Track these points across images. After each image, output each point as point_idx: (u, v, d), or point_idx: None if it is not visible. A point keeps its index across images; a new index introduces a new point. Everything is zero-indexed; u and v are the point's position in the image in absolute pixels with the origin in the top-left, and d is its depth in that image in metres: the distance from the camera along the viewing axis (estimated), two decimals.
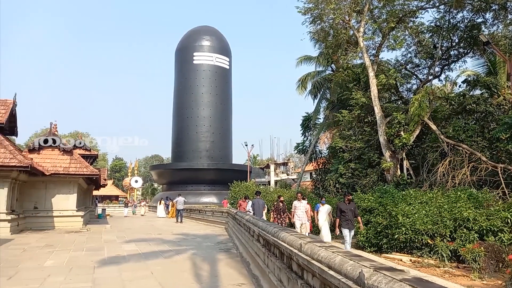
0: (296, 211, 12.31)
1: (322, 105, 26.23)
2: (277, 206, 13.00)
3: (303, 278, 3.83)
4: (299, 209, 12.27)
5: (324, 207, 12.12)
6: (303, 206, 12.35)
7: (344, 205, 10.00)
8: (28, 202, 17.89)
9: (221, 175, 44.16)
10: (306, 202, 13.02)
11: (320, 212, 12.07)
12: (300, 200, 12.52)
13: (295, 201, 12.69)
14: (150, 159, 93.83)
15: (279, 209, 12.87)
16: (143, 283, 6.84)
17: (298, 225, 12.13)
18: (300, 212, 12.22)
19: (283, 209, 12.87)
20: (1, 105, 17.71)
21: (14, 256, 9.78)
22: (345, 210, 9.86)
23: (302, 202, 12.50)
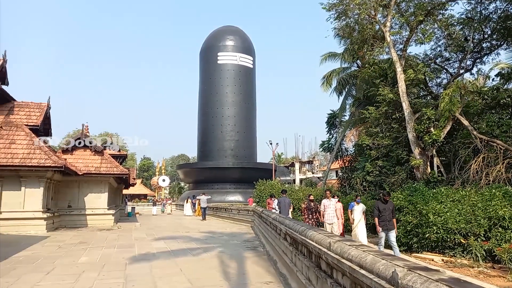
0: (325, 210, 11.79)
1: (348, 102, 25.83)
2: (308, 205, 12.41)
3: (333, 277, 3.80)
4: (329, 207, 11.73)
5: (359, 206, 11.41)
6: (333, 204, 11.78)
7: (382, 204, 9.41)
8: (63, 201, 18.65)
9: (246, 174, 44.39)
10: (337, 200, 12.39)
11: (354, 211, 11.40)
12: (329, 198, 11.93)
13: (324, 200, 12.08)
14: (176, 158, 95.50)
15: (310, 209, 12.30)
16: (173, 280, 6.98)
17: (327, 225, 11.62)
18: (330, 211, 11.68)
19: (314, 209, 12.30)
20: (36, 108, 18.55)
21: (51, 253, 10.22)
22: (383, 210, 9.30)
23: (332, 201, 11.92)
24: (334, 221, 11.59)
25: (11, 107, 18.27)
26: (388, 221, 9.28)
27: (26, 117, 18.04)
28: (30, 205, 15.34)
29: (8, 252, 10.07)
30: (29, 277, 7.18)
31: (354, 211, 11.36)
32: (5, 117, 17.41)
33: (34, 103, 19.05)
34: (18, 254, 9.85)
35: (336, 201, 12.15)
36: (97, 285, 6.57)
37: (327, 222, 11.63)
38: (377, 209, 9.41)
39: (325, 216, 11.70)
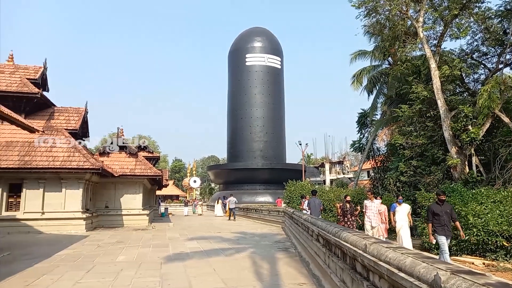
0: (366, 212, 10.92)
1: (379, 100, 25.25)
2: (343, 207, 11.47)
3: (369, 280, 3.74)
4: (370, 209, 10.85)
5: (402, 207, 10.56)
6: (375, 206, 10.88)
7: (437, 206, 8.25)
8: (100, 201, 19.41)
9: (275, 175, 44.36)
10: (380, 202, 11.46)
11: (397, 213, 10.51)
12: (371, 199, 11.01)
13: (366, 201, 11.22)
14: (207, 159, 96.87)
15: (346, 211, 11.34)
16: (207, 279, 7.10)
17: (368, 228, 10.77)
18: (371, 213, 10.81)
19: (350, 211, 11.34)
20: (74, 113, 19.44)
21: (90, 251, 10.67)
22: (439, 213, 8.13)
23: (375, 202, 10.99)
24: (376, 225, 10.71)
25: (51, 112, 19.26)
26: (446, 226, 8.08)
27: (65, 122, 18.96)
28: (70, 206, 16.09)
29: (51, 251, 10.61)
30: (71, 274, 7.53)
31: (397, 213, 10.53)
32: (46, 122, 18.37)
33: (72, 108, 20.00)
34: (60, 253, 10.35)
35: (379, 203, 11.26)
36: (135, 283, 6.79)
37: (367, 225, 10.83)
38: (431, 213, 8.25)
39: (366, 218, 10.90)
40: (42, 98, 18.40)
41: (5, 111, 9.97)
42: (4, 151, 15.70)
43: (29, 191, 15.87)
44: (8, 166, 15.14)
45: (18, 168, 15.28)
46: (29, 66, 19.64)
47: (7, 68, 19.07)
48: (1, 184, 15.57)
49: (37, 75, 19.06)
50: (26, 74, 18.96)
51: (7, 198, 15.83)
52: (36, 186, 15.95)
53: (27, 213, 15.68)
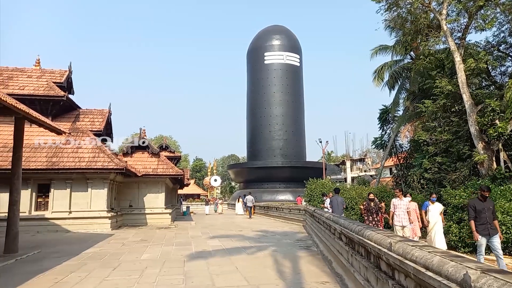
0: (395, 211, 10.24)
1: (401, 96, 24.74)
2: (368, 206, 10.85)
3: (394, 279, 3.68)
4: (399, 208, 10.18)
5: (435, 205, 9.97)
6: (404, 204, 10.23)
7: (479, 203, 7.59)
8: (124, 200, 19.86)
9: (295, 173, 44.20)
10: (410, 200, 10.84)
11: (429, 211, 9.92)
12: (400, 197, 10.35)
13: (394, 199, 10.54)
14: (227, 158, 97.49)
15: (370, 210, 10.74)
16: (229, 277, 7.16)
17: (398, 228, 10.10)
18: (401, 212, 10.14)
19: (375, 210, 10.72)
20: (99, 115, 19.96)
21: (116, 250, 10.94)
22: (482, 210, 7.47)
23: (404, 200, 10.35)
24: (406, 224, 10.10)
25: (77, 114, 19.84)
26: (489, 224, 7.50)
27: (90, 123, 19.49)
28: (96, 205, 16.54)
29: (78, 249, 10.95)
30: (98, 272, 7.75)
31: (429, 212, 9.95)
32: (72, 123, 18.93)
33: (97, 110, 20.54)
34: (87, 251, 10.66)
35: (409, 201, 10.68)
36: (159, 280, 6.91)
37: (397, 225, 10.17)
38: (473, 209, 7.60)
39: (395, 218, 10.21)
40: (68, 101, 18.97)
41: (34, 114, 10.33)
42: (33, 153, 16.28)
43: (56, 191, 16.40)
44: (37, 167, 15.70)
45: (46, 169, 15.83)
46: (55, 70, 20.29)
47: (34, 73, 19.76)
48: (30, 185, 16.16)
49: (63, 79, 19.67)
50: (52, 78, 19.59)
51: (36, 198, 16.42)
52: (64, 186, 16.47)
53: (55, 212, 16.23)
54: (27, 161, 15.22)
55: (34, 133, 16.00)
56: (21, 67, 20.22)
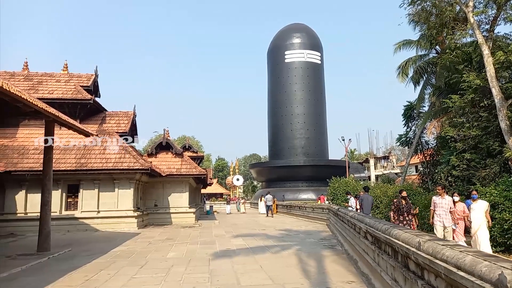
0: (436, 210, 9.37)
1: (427, 91, 24.10)
2: (398, 204, 9.98)
3: (424, 279, 3.60)
4: (441, 207, 9.27)
5: (477, 203, 9.06)
6: (446, 203, 9.27)
7: None
8: (149, 200, 20.29)
9: (318, 172, 43.86)
10: (452, 198, 9.79)
11: (472, 210, 9.06)
12: (442, 195, 9.36)
13: (434, 197, 9.63)
14: (248, 158, 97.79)
15: (401, 208, 9.85)
16: (254, 276, 7.19)
17: (439, 229, 9.22)
18: (442, 211, 9.23)
19: (407, 208, 9.90)
20: (124, 117, 20.46)
21: (142, 248, 11.19)
22: None
23: (445, 198, 9.37)
24: (448, 225, 9.23)
25: (103, 116, 20.41)
26: None
27: (116, 125, 20.02)
28: (123, 205, 16.98)
29: (107, 247, 11.27)
30: (126, 270, 7.95)
31: (472, 211, 9.09)
32: (99, 126, 19.49)
33: (122, 112, 21.07)
34: (115, 249, 10.96)
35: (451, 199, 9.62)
36: (185, 279, 7.03)
37: (437, 225, 9.30)
38: None
39: (435, 217, 9.38)
40: (95, 103, 19.55)
41: (63, 117, 10.70)
42: (62, 154, 16.86)
43: (85, 192, 16.94)
44: (66, 169, 16.26)
45: (75, 170, 16.37)
46: (82, 74, 20.95)
47: (62, 77, 20.47)
48: (61, 185, 16.74)
49: (89, 82, 20.29)
50: (79, 81, 20.24)
51: (66, 198, 17.01)
52: (92, 187, 16.98)
53: (84, 212, 16.76)
54: (57, 162, 15.77)
55: (64, 136, 16.55)
56: (50, 72, 20.99)
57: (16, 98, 8.34)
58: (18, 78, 20.17)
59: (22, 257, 9.67)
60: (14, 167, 16.01)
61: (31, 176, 15.97)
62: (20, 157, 16.66)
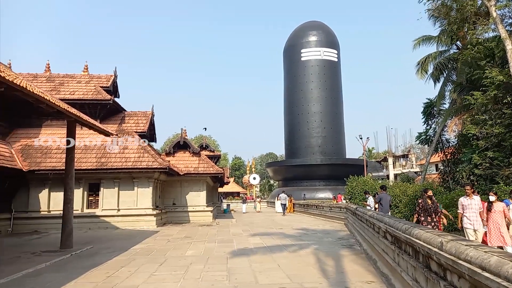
0: (465, 212, 8.66)
1: (447, 88, 23.53)
2: (424, 204, 9.24)
3: (446, 279, 3.53)
4: (470, 208, 8.58)
5: None
6: (476, 204, 8.61)
7: None
8: (168, 199, 20.56)
9: (335, 170, 43.50)
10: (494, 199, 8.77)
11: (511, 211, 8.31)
12: (470, 195, 8.70)
13: (462, 198, 8.87)
14: (265, 156, 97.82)
15: (428, 209, 9.09)
16: (272, 274, 7.19)
17: (470, 232, 8.57)
18: (472, 213, 8.56)
19: (433, 208, 9.12)
20: (142, 117, 20.79)
21: (161, 246, 11.36)
22: None
23: (474, 199, 8.71)
24: (478, 227, 8.56)
25: (122, 116, 20.80)
26: None
27: (135, 125, 20.37)
28: (142, 203, 17.27)
29: (127, 245, 11.49)
30: (146, 267, 8.09)
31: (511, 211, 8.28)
32: (118, 125, 19.87)
33: (140, 112, 21.42)
34: (135, 247, 11.16)
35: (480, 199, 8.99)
36: (204, 276, 7.09)
37: (468, 228, 8.62)
38: None
39: (464, 220, 8.68)
40: (114, 104, 19.93)
41: (84, 117, 10.96)
42: (83, 154, 17.27)
43: (106, 190, 17.30)
44: (87, 168, 16.64)
45: (96, 169, 16.74)
46: (102, 75, 21.39)
47: (83, 78, 20.96)
48: (82, 184, 17.15)
49: (109, 83, 20.70)
50: (99, 82, 20.67)
51: (87, 197, 17.41)
52: (112, 185, 17.33)
53: (104, 210, 17.12)
54: (78, 161, 16.15)
55: (85, 135, 16.94)
56: (71, 74, 21.52)
57: (40, 99, 8.59)
58: (40, 79, 20.75)
59: (46, 254, 9.96)
60: (38, 166, 16.49)
61: (54, 175, 16.42)
62: (43, 156, 17.15)
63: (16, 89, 7.70)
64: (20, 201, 16.82)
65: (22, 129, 18.44)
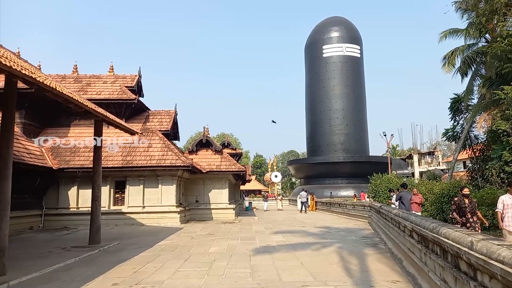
0: (507, 212, 7.70)
1: (476, 83, 22.73)
2: (460, 203, 8.51)
3: (477, 280, 3.43)
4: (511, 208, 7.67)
5: None
6: None
7: None
8: (191, 196, 20.86)
9: (358, 168, 42.88)
10: None
11: None
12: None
13: (503, 196, 7.90)
14: (286, 154, 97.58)
15: (464, 208, 8.34)
16: (295, 272, 7.19)
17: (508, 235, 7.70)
18: None
19: (471, 208, 8.37)
20: (166, 115, 21.16)
21: (186, 242, 11.54)
22: None
23: None
24: None
25: (146, 115, 21.24)
26: None
27: (158, 124, 20.76)
28: (166, 200, 17.59)
29: (152, 241, 11.74)
30: (171, 263, 8.24)
31: None
32: (143, 124, 20.30)
33: (164, 111, 21.81)
34: (160, 243, 11.39)
35: None
36: (228, 273, 7.16)
37: (507, 230, 7.74)
38: None
39: (505, 220, 7.77)
40: (138, 103, 20.37)
41: (111, 117, 11.25)
42: (110, 152, 17.72)
43: (131, 187, 17.72)
44: (114, 166, 17.09)
45: (122, 167, 17.17)
46: (127, 75, 21.91)
47: (108, 78, 21.52)
48: (109, 182, 17.62)
49: (134, 83, 21.17)
50: (124, 82, 21.18)
51: (114, 194, 17.89)
52: (137, 183, 17.74)
53: (130, 207, 17.55)
54: (105, 160, 16.59)
55: (111, 134, 17.40)
56: (98, 74, 22.13)
57: (68, 99, 8.89)
58: (68, 80, 21.45)
59: (75, 249, 10.32)
60: (67, 165, 17.08)
61: (82, 173, 16.96)
62: (72, 155, 17.74)
63: (46, 89, 7.99)
64: (50, 198, 17.48)
65: (52, 128, 19.13)
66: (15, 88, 7.97)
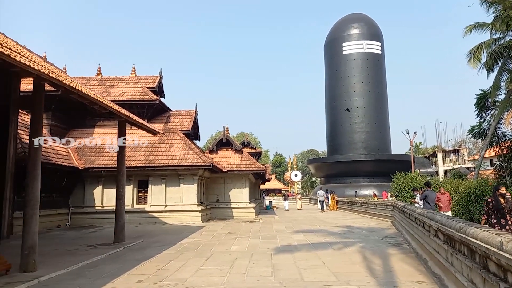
0: None
1: (503, 78, 21.91)
2: (496, 203, 7.51)
3: (507, 281, 3.33)
4: None
5: None
6: None
7: None
8: (212, 195, 21.06)
9: (380, 167, 42.17)
10: None
11: None
12: None
13: None
14: (306, 153, 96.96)
15: (500, 209, 7.39)
16: (317, 271, 7.15)
17: None
18: None
19: (508, 209, 7.42)
20: (187, 115, 21.43)
21: (207, 241, 11.67)
22: None
23: None
24: None
25: (168, 116, 21.57)
26: None
27: (179, 124, 21.06)
28: (188, 199, 17.83)
29: (175, 239, 11.93)
30: (193, 261, 8.36)
31: None
32: (164, 124, 20.63)
33: (185, 111, 22.11)
34: (182, 241, 11.56)
35: None
36: (249, 272, 7.20)
37: None
38: None
39: None
40: (160, 104, 20.72)
41: (133, 117, 11.49)
42: (133, 152, 18.12)
43: (154, 187, 18.05)
44: (137, 165, 17.45)
45: (145, 166, 17.52)
46: (148, 77, 22.32)
47: (131, 80, 21.99)
48: (132, 181, 18.01)
49: (155, 84, 21.55)
50: (146, 83, 21.58)
51: (137, 193, 18.27)
52: (159, 182, 18.05)
53: (153, 206, 17.89)
54: (128, 159, 16.95)
55: (134, 134, 17.76)
56: (120, 76, 22.64)
57: (93, 101, 9.14)
58: (93, 82, 22.04)
59: (101, 247, 10.60)
60: (92, 164, 17.57)
61: (107, 173, 17.40)
62: (96, 155, 18.23)
63: (72, 92, 8.24)
64: (76, 197, 18.02)
65: (77, 129, 19.71)
66: (43, 91, 8.26)
